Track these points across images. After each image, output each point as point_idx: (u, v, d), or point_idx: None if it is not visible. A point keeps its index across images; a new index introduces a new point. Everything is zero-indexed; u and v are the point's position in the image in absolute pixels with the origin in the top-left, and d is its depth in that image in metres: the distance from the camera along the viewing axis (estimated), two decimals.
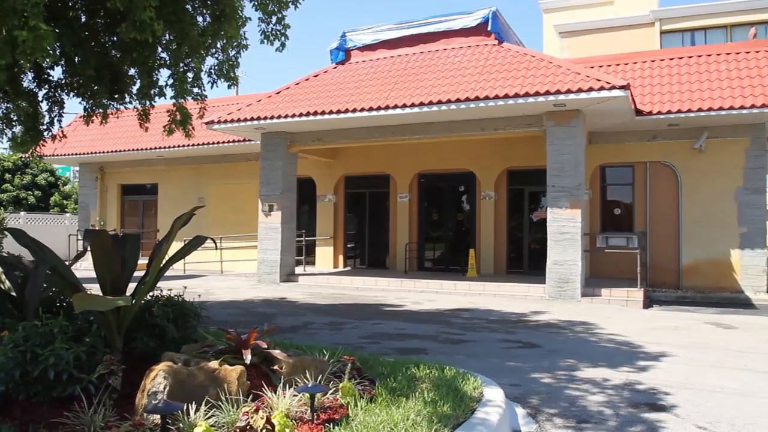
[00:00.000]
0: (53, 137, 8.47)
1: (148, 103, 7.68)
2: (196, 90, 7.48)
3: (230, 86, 7.79)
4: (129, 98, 7.94)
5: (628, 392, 5.42)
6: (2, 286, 5.26)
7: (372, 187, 19.06)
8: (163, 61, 7.39)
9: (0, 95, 7.54)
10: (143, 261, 5.24)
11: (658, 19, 27.82)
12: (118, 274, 4.70)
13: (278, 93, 16.20)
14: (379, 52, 16.74)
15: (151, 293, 5.02)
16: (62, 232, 25.11)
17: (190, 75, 7.39)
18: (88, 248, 4.61)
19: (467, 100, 12.79)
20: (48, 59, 5.87)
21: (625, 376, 6.03)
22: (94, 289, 4.76)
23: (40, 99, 7.78)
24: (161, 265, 4.81)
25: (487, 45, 15.31)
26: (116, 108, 8.14)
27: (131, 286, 4.87)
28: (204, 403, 3.55)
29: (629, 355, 7.14)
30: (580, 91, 11.91)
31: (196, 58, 7.11)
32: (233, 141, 18.15)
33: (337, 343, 6.66)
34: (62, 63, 7.26)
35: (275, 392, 3.84)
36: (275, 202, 15.97)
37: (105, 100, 7.65)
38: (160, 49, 7.30)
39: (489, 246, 16.84)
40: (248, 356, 4.34)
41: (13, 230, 4.89)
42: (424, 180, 18.40)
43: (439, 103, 13.06)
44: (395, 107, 13.52)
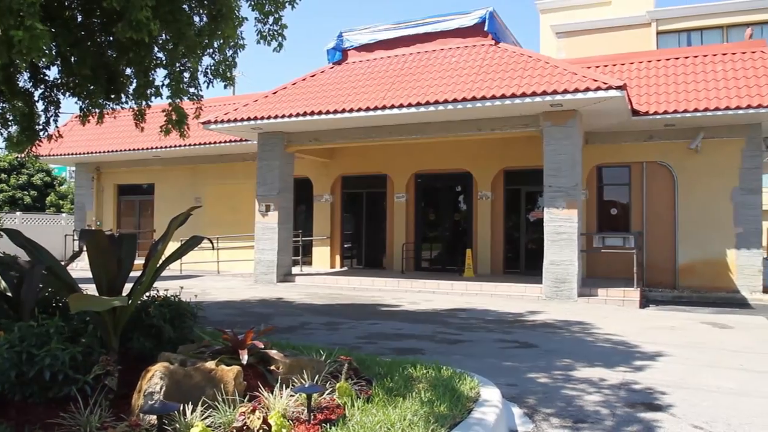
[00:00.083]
0: (49, 137, 8.46)
1: (145, 103, 7.67)
2: (192, 90, 7.48)
3: (226, 86, 7.78)
4: (125, 98, 7.93)
5: (624, 392, 5.43)
6: None
7: (369, 187, 19.06)
8: (159, 61, 7.38)
9: None
10: (140, 261, 5.23)
11: (655, 19, 27.90)
12: (114, 274, 4.69)
13: (275, 93, 16.19)
14: (376, 52, 16.74)
15: (147, 293, 5.01)
16: (58, 232, 25.05)
17: (186, 75, 7.38)
18: (84, 248, 4.59)
19: (464, 100, 12.80)
20: (44, 59, 5.86)
21: (621, 375, 6.04)
22: (90, 289, 4.75)
23: (36, 99, 7.77)
24: (158, 265, 4.81)
25: (484, 45, 15.32)
26: (112, 108, 8.13)
27: (127, 287, 4.87)
28: (201, 403, 3.54)
29: (626, 354, 7.15)
30: (576, 91, 11.93)
31: (193, 58, 7.10)
32: (230, 141, 18.13)
33: (333, 344, 6.66)
34: (58, 63, 7.24)
35: (272, 392, 3.83)
36: (272, 202, 15.96)
37: (101, 100, 7.65)
38: (156, 49, 7.29)
39: (486, 246, 16.86)
40: (245, 356, 4.33)
41: (9, 230, 4.87)
42: (421, 180, 18.41)
43: (436, 103, 13.06)
44: (392, 107, 13.52)
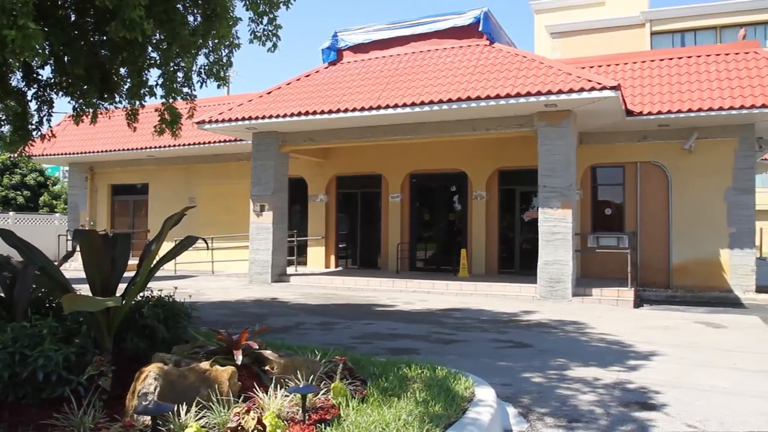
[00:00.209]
0: (42, 137, 8.41)
1: (138, 103, 7.64)
2: (186, 90, 7.45)
3: (220, 86, 7.76)
4: (119, 98, 7.90)
5: (618, 391, 5.44)
6: None
7: (364, 187, 19.06)
8: (153, 61, 7.35)
9: None
10: (133, 261, 5.21)
11: (649, 20, 28.04)
12: (107, 274, 4.67)
13: (270, 93, 16.17)
14: (371, 53, 16.73)
15: (141, 294, 4.99)
16: (52, 232, 24.92)
17: (180, 75, 7.36)
18: (78, 248, 4.57)
19: (459, 100, 12.81)
20: (37, 58, 5.82)
21: (615, 375, 6.06)
22: (84, 289, 4.73)
23: (28, 98, 7.72)
24: (152, 265, 4.79)
25: (478, 45, 15.34)
26: (106, 108, 8.09)
27: (121, 287, 4.85)
28: (195, 404, 3.53)
29: (620, 354, 7.17)
30: (571, 91, 11.95)
31: (187, 57, 7.07)
32: (224, 141, 18.09)
33: (328, 344, 6.65)
34: (51, 62, 7.21)
35: (266, 393, 3.82)
36: (267, 202, 15.93)
37: (95, 100, 7.61)
38: (150, 49, 7.26)
39: (480, 246, 16.87)
40: (239, 357, 4.32)
41: (2, 231, 4.84)
42: (415, 180, 18.41)
43: (431, 103, 13.07)
44: (387, 107, 13.52)
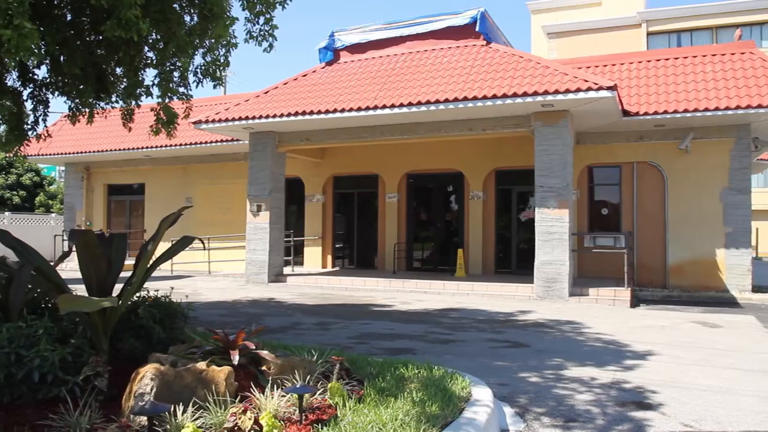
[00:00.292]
0: (38, 137, 8.38)
1: (134, 102, 7.62)
2: (182, 90, 7.44)
3: (216, 86, 7.74)
4: (115, 98, 7.87)
5: (615, 391, 5.45)
6: None
7: (360, 187, 19.05)
8: (149, 61, 7.33)
9: None
10: (130, 262, 5.20)
11: (645, 20, 28.10)
12: (104, 274, 4.66)
13: (266, 93, 16.15)
14: (368, 52, 16.72)
15: (137, 294, 4.98)
16: (48, 232, 24.87)
17: (176, 75, 7.34)
18: (74, 249, 4.56)
19: (456, 100, 12.81)
20: (33, 58, 5.80)
21: (612, 375, 6.07)
22: (80, 290, 4.72)
23: (24, 98, 7.70)
24: (148, 265, 4.78)
25: (475, 45, 15.35)
26: (102, 107, 8.07)
27: (118, 287, 4.83)
28: (191, 404, 3.53)
29: (616, 354, 7.19)
30: (567, 91, 11.97)
31: (184, 57, 7.06)
32: (221, 141, 18.07)
33: (325, 344, 6.65)
34: (47, 62, 7.18)
35: (263, 393, 3.82)
36: (263, 202, 15.92)
37: (91, 100, 7.59)
38: (146, 49, 7.25)
39: (477, 246, 16.89)
40: (236, 357, 4.32)
41: None
42: (412, 180, 18.41)
43: (428, 103, 13.07)
44: (384, 107, 13.51)
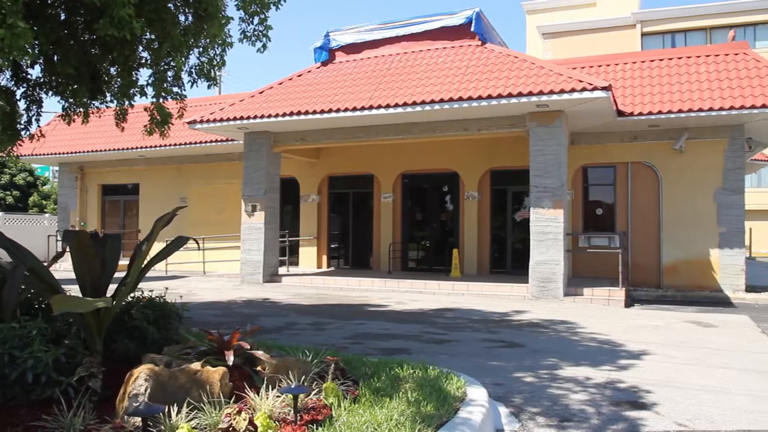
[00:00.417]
0: (31, 136, 8.35)
1: (128, 102, 7.59)
2: (176, 89, 7.41)
3: (210, 86, 7.72)
4: (110, 97, 7.85)
5: (609, 390, 5.47)
6: None
7: (355, 187, 19.04)
8: (144, 60, 7.31)
9: None
10: (124, 262, 5.18)
11: (639, 21, 28.21)
12: (98, 275, 4.64)
13: (261, 93, 16.12)
14: (364, 52, 16.71)
15: (132, 294, 4.96)
16: (41, 232, 24.75)
17: (170, 74, 7.32)
18: (68, 249, 4.54)
19: (451, 100, 12.82)
20: (26, 57, 5.78)
21: (606, 374, 6.09)
22: (74, 290, 4.70)
23: (17, 97, 7.66)
24: (142, 266, 4.77)
25: (470, 46, 15.37)
26: (96, 107, 8.04)
27: (112, 288, 4.81)
28: (186, 404, 3.51)
29: (611, 353, 7.21)
30: (562, 91, 11.99)
31: (178, 57, 7.04)
32: (216, 141, 18.03)
33: (320, 344, 6.65)
34: (41, 61, 7.15)
35: (258, 393, 3.81)
36: (258, 202, 15.89)
37: (85, 99, 7.56)
38: (141, 48, 7.23)
39: (472, 246, 16.91)
40: (231, 357, 4.31)
41: None
42: (407, 180, 18.42)
43: (423, 103, 13.07)
44: (379, 107, 13.51)
